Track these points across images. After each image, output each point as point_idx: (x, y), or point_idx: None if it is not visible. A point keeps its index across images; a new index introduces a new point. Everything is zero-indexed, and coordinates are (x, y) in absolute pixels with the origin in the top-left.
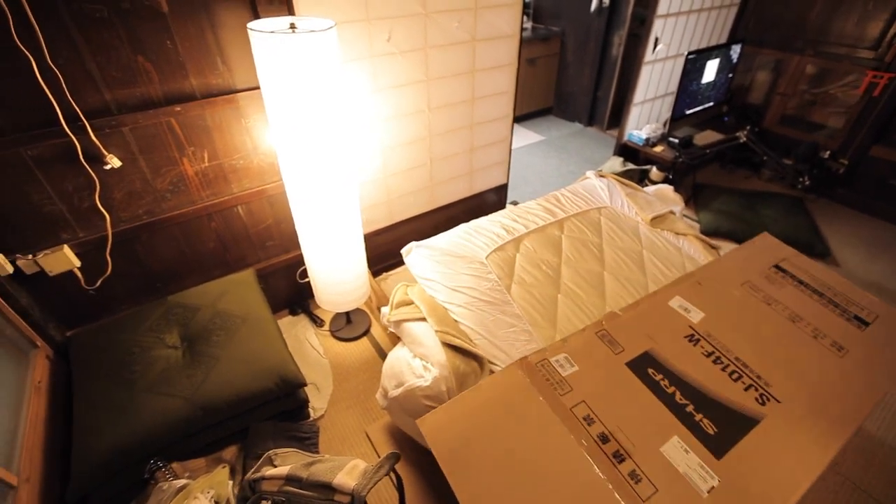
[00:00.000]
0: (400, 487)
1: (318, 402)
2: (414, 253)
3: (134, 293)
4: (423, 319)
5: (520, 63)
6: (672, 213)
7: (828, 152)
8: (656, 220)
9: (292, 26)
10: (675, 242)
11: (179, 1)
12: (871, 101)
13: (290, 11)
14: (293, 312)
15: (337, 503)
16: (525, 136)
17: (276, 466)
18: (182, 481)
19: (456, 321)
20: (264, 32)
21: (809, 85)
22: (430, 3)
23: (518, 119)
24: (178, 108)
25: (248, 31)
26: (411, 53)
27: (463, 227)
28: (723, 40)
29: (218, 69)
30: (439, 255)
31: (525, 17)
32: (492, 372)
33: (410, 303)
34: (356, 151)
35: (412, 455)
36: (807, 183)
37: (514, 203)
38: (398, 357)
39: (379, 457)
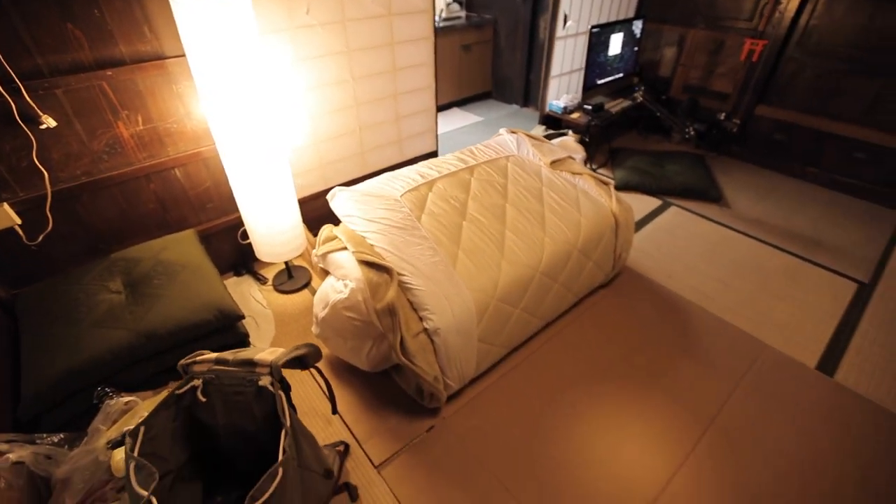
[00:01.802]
0: (329, 391)
1: (260, 342)
2: (338, 196)
3: (77, 255)
4: (345, 248)
5: (435, 37)
6: (572, 158)
7: (723, 114)
8: (556, 164)
9: None
10: (572, 180)
11: None
12: (752, 66)
13: None
14: (237, 273)
15: (258, 374)
16: (465, 118)
17: None
18: (129, 398)
19: (372, 245)
20: None
21: (705, 55)
22: None
23: (459, 103)
24: (110, 73)
25: None
26: (330, 25)
27: (384, 175)
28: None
29: (146, 36)
30: (359, 196)
31: (459, 6)
32: (400, 282)
33: (334, 238)
34: (285, 117)
35: (347, 376)
36: (692, 133)
37: None
38: (324, 285)
39: (322, 380)
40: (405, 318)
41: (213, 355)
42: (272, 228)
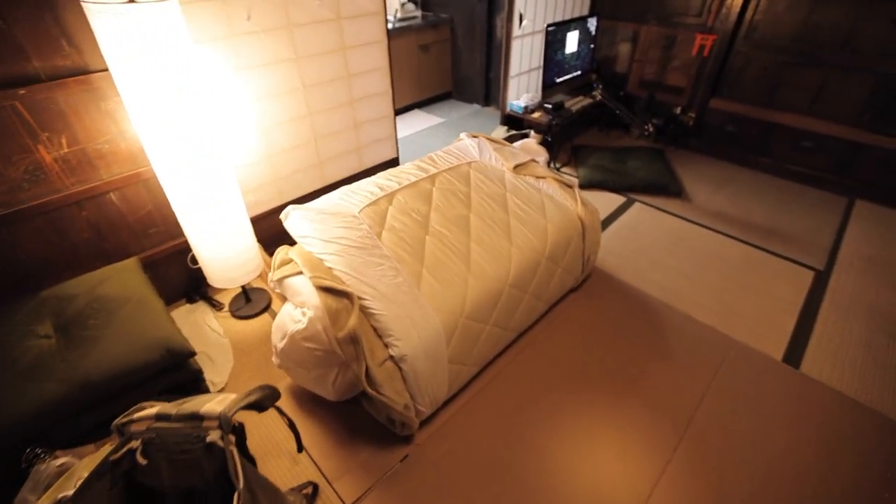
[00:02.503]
0: (294, 431)
1: (217, 377)
2: (291, 215)
3: (3, 291)
4: (301, 273)
5: (389, 39)
6: (535, 161)
7: (679, 108)
8: (519, 168)
9: (131, 0)
10: (536, 184)
11: None
12: (704, 61)
13: None
14: (190, 300)
15: (205, 429)
16: (426, 120)
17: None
18: (62, 460)
19: (329, 268)
20: (99, 4)
21: (659, 51)
22: None
23: (419, 104)
24: (23, 92)
25: (82, 5)
26: (275, 32)
27: (341, 189)
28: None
29: (64, 50)
30: (314, 215)
31: (414, 6)
32: (362, 306)
33: (290, 261)
34: (231, 132)
35: (311, 407)
36: (651, 130)
37: None
38: (282, 313)
39: (284, 418)
40: (369, 346)
41: (154, 410)
42: (223, 253)
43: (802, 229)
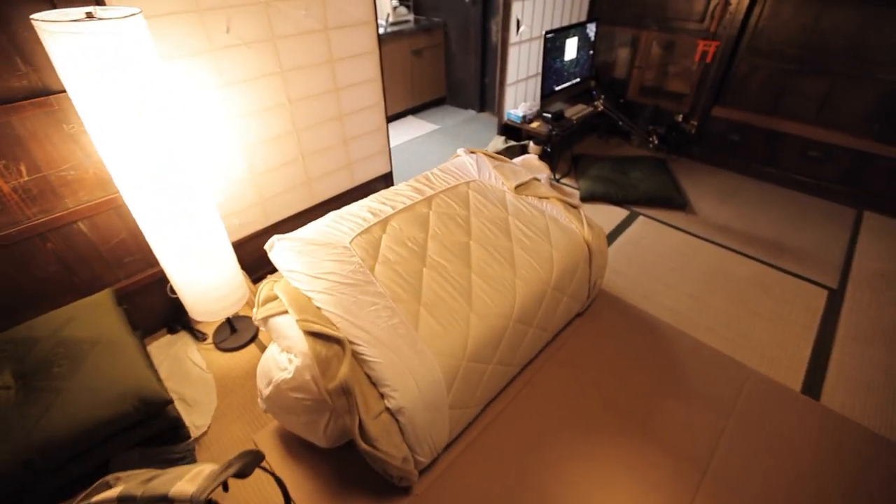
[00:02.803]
0: (282, 488)
1: (199, 419)
2: (277, 246)
3: None
4: (288, 311)
5: (381, 49)
6: (537, 179)
7: (681, 116)
8: (521, 188)
9: (89, 15)
10: (539, 206)
11: None
12: (707, 67)
13: (98, 2)
14: (171, 330)
15: None
16: (420, 127)
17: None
18: None
19: (318, 308)
20: (50, 22)
21: (659, 57)
22: None
23: (413, 111)
24: None
25: (33, 24)
26: (259, 45)
27: (331, 215)
28: (581, 20)
29: (19, 70)
30: (301, 246)
31: (406, 10)
32: (354, 352)
33: (276, 298)
34: (211, 151)
35: (301, 453)
36: (656, 142)
37: None
38: (267, 355)
39: (271, 475)
40: (363, 397)
41: (116, 492)
42: (204, 285)
43: (812, 243)
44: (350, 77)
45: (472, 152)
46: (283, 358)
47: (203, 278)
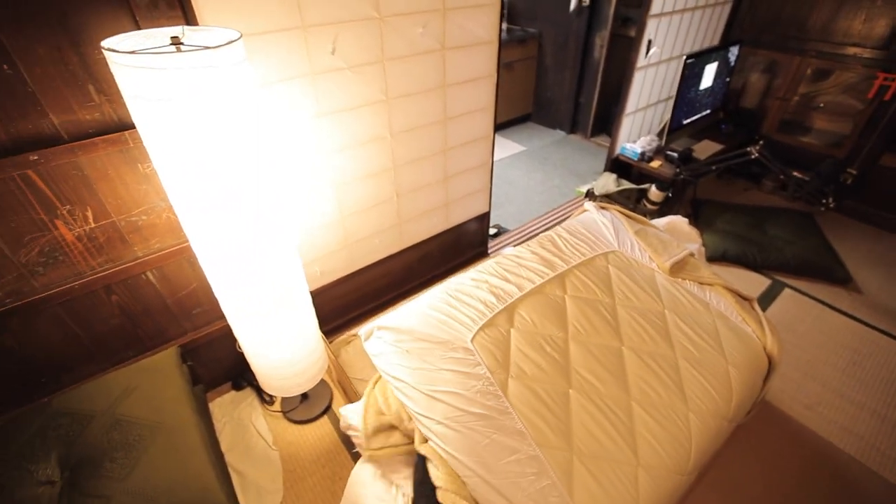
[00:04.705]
0: None
1: None
2: (375, 338)
3: (10, 394)
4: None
5: (499, 73)
6: (691, 255)
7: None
8: (676, 267)
9: (175, 41)
10: (702, 296)
11: (15, 9)
12: (882, 106)
13: (188, 20)
14: (237, 387)
15: None
16: (504, 147)
17: None
18: None
19: (439, 449)
20: (125, 53)
21: (811, 88)
22: (385, 4)
23: (496, 128)
24: (35, 157)
25: (104, 54)
26: (365, 68)
27: (439, 292)
28: (715, 41)
29: (92, 100)
30: (409, 342)
31: None
32: None
33: (389, 426)
34: (298, 192)
35: None
36: (832, 205)
37: (497, 229)
38: (360, 479)
39: None
40: None
41: None
42: (277, 357)
43: None
44: (462, 105)
45: (604, 208)
46: (388, 492)
47: (277, 350)
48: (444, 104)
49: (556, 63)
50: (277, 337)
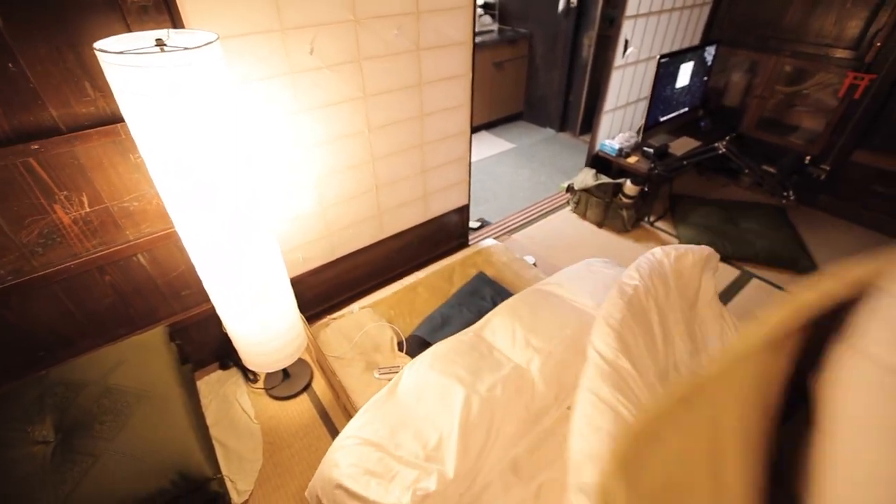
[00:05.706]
0: None
1: (242, 483)
2: None
3: (9, 368)
4: None
5: (474, 73)
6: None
7: (808, 157)
8: None
9: (159, 42)
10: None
11: (19, 15)
12: (853, 104)
13: (175, 24)
14: (223, 366)
15: None
16: (494, 145)
17: None
18: None
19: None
20: (113, 53)
21: (787, 87)
22: (360, 8)
23: (487, 126)
24: (36, 146)
25: (98, 56)
26: (342, 67)
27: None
28: (695, 42)
29: (88, 95)
30: None
31: (491, 19)
32: None
33: None
34: (279, 184)
35: None
36: (791, 198)
37: (481, 222)
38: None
39: None
40: None
41: None
42: (257, 334)
43: None
44: (438, 103)
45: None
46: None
47: (258, 328)
48: (421, 101)
49: (546, 62)
50: (258, 318)
